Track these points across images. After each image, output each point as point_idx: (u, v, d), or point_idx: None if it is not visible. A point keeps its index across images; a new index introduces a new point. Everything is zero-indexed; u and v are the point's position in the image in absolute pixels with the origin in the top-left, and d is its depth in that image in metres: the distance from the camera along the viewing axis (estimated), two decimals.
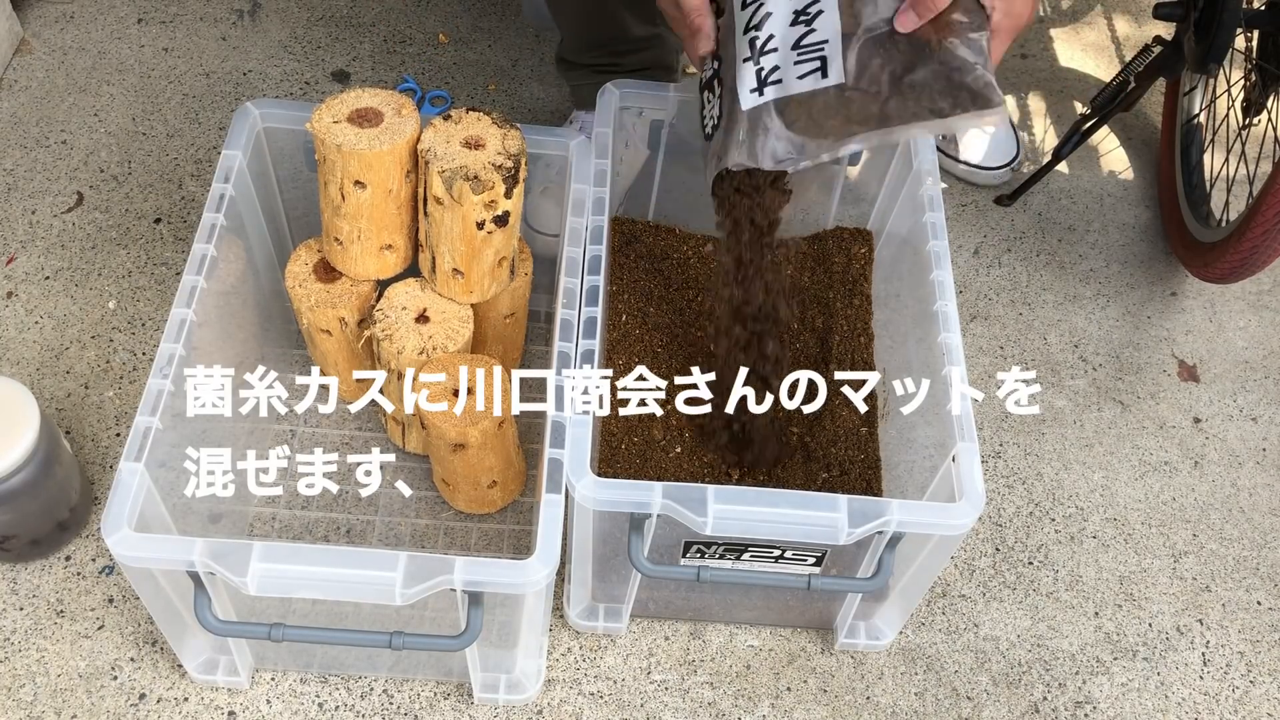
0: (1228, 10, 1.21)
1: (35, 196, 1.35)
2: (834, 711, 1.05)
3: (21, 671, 1.02)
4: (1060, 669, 1.10)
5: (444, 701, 1.03)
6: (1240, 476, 1.26)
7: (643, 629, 1.09)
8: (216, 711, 1.01)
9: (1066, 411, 1.29)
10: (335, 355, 1.11)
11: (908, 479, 1.06)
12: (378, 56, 1.55)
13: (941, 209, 1.07)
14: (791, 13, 0.86)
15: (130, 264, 1.30)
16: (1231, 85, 1.43)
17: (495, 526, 1.13)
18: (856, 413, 1.13)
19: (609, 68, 1.26)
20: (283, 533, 1.11)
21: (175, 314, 0.93)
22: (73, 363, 1.22)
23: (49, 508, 1.04)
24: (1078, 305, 1.39)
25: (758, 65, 0.87)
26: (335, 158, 0.95)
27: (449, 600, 0.86)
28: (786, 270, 1.24)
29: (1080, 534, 1.19)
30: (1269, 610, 1.16)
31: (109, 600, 1.06)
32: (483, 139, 0.96)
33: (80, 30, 1.54)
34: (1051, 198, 1.49)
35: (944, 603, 1.13)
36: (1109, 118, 1.39)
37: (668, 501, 0.86)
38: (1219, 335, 1.38)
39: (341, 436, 1.17)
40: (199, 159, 1.41)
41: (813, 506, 0.86)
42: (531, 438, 1.16)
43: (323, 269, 1.07)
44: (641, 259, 1.22)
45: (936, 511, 0.88)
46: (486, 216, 0.96)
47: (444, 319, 1.04)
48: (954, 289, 1.02)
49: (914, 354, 1.08)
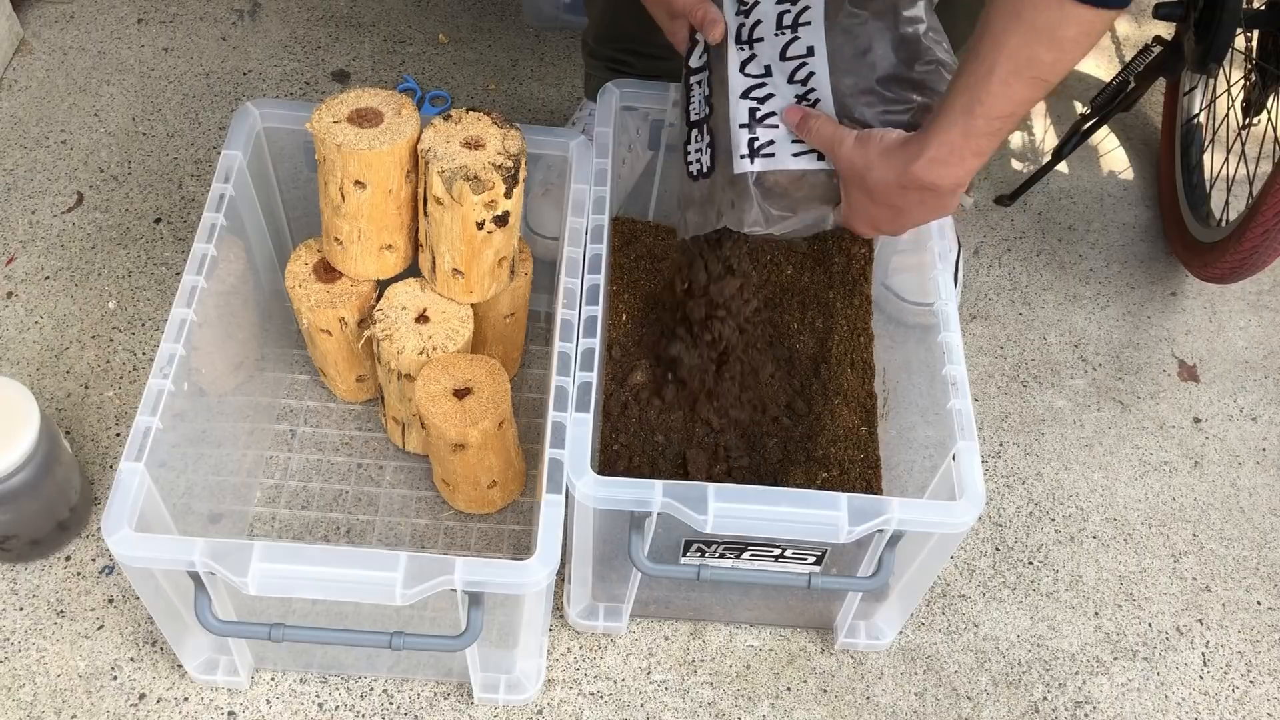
0: (1228, 10, 1.21)
1: (35, 196, 1.35)
2: (834, 711, 1.05)
3: (21, 671, 1.02)
4: (1060, 669, 1.10)
5: (444, 701, 1.03)
6: (1240, 476, 1.26)
7: (643, 629, 1.09)
8: (216, 711, 1.01)
9: (1066, 411, 1.29)
10: (335, 355, 1.11)
11: (908, 478, 1.06)
12: (378, 56, 1.55)
13: None
14: (794, 97, 0.89)
15: (130, 264, 1.30)
16: (1231, 85, 1.43)
17: (495, 526, 1.13)
18: (857, 412, 1.13)
19: (624, 65, 1.25)
20: (283, 533, 1.11)
21: (175, 314, 0.93)
22: (73, 363, 1.22)
23: (49, 508, 1.04)
24: (1078, 305, 1.39)
25: (752, 135, 0.90)
26: (335, 158, 0.95)
27: (449, 600, 0.86)
28: (786, 270, 1.24)
29: (1080, 534, 1.19)
30: (1269, 610, 1.16)
31: (109, 600, 1.06)
32: (483, 139, 0.96)
33: (80, 30, 1.54)
34: (1051, 198, 1.49)
35: (944, 603, 1.13)
36: (1109, 118, 1.39)
37: (668, 500, 0.86)
38: (1219, 335, 1.38)
39: (341, 436, 1.17)
40: (199, 159, 1.41)
41: (813, 505, 0.86)
42: (531, 438, 1.16)
43: (323, 269, 1.07)
44: (641, 259, 1.22)
45: (937, 510, 0.88)
46: (486, 216, 0.96)
47: (444, 319, 1.04)
48: (953, 289, 1.02)
49: (914, 354, 1.08)
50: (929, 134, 0.79)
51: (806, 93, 0.88)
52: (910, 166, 0.80)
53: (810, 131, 0.87)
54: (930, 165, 0.79)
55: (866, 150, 0.83)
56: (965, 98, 0.76)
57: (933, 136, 0.79)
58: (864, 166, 0.84)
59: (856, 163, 0.84)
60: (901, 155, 0.81)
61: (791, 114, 0.88)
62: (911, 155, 0.80)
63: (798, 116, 0.88)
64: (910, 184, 0.81)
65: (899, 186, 0.82)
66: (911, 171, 0.80)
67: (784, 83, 0.89)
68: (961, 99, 0.76)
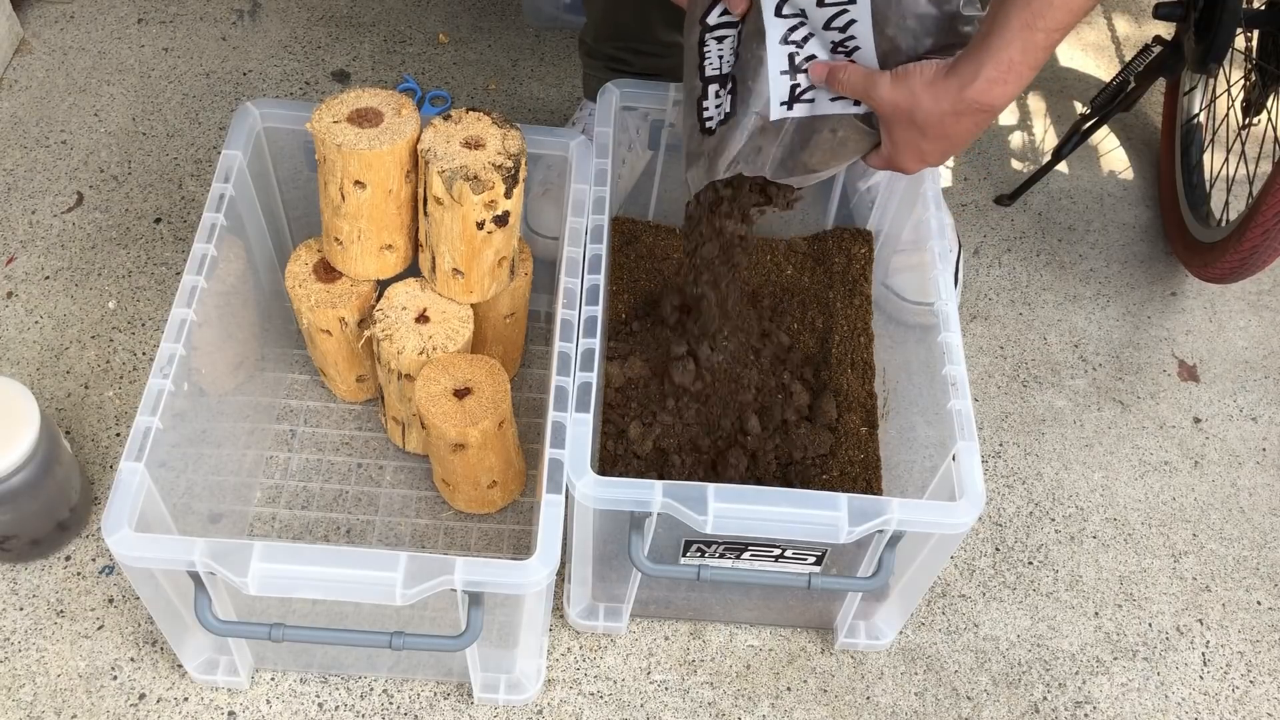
0: (1228, 10, 1.21)
1: (35, 196, 1.35)
2: (834, 711, 1.05)
3: (21, 671, 1.02)
4: (1060, 669, 1.10)
5: (444, 701, 1.03)
6: (1240, 476, 1.26)
7: (643, 629, 1.09)
8: (216, 711, 1.01)
9: (1066, 411, 1.29)
10: (335, 355, 1.11)
11: (908, 478, 1.06)
12: (378, 56, 1.55)
13: (943, 208, 1.07)
14: (830, 43, 0.87)
15: (130, 264, 1.30)
16: (1231, 85, 1.43)
17: (495, 526, 1.13)
18: (857, 413, 1.13)
19: (623, 64, 1.25)
20: (283, 533, 1.11)
21: (175, 314, 0.93)
22: (73, 363, 1.22)
23: (49, 508, 1.04)
24: (1078, 305, 1.39)
25: (794, 81, 0.88)
26: (335, 158, 0.95)
27: (449, 600, 0.86)
28: (786, 270, 1.24)
29: (1080, 534, 1.19)
30: (1269, 610, 1.16)
31: (109, 600, 1.06)
32: (483, 139, 0.96)
33: (80, 30, 1.54)
34: (1051, 198, 1.49)
35: (944, 603, 1.13)
36: (1109, 118, 1.39)
37: (668, 500, 0.86)
38: (1219, 335, 1.38)
39: (341, 436, 1.17)
40: (199, 159, 1.41)
41: (813, 505, 0.86)
42: (531, 438, 1.16)
43: (323, 269, 1.07)
44: (641, 259, 1.22)
45: (937, 510, 0.88)
46: (486, 216, 0.96)
47: (444, 319, 1.04)
48: (953, 289, 1.02)
49: (914, 354, 1.08)
50: (982, 55, 0.78)
51: (845, 39, 0.86)
52: (965, 92, 0.79)
53: (841, 83, 0.86)
54: (989, 87, 0.78)
55: (910, 86, 0.82)
56: (1025, 13, 0.75)
57: (988, 57, 0.78)
58: (909, 104, 0.82)
59: (900, 102, 0.83)
60: (952, 83, 0.80)
61: (817, 70, 0.87)
62: (965, 80, 0.79)
63: (823, 71, 0.87)
64: (966, 109, 0.80)
65: (953, 114, 0.81)
66: (967, 96, 0.79)
67: (820, 27, 0.87)
68: (1020, 15, 0.75)
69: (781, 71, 0.88)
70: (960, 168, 1.51)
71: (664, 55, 1.23)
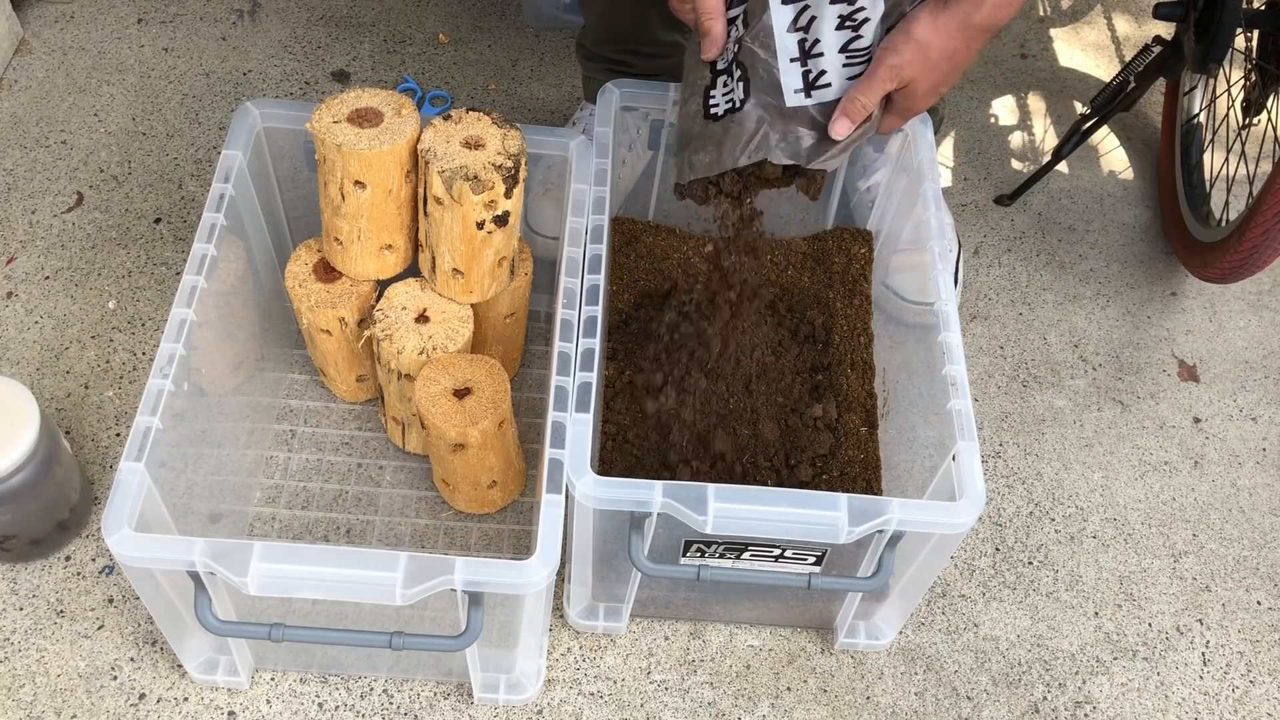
0: (1228, 10, 1.21)
1: (35, 196, 1.35)
2: (834, 711, 1.05)
3: (21, 671, 1.02)
4: (1060, 669, 1.10)
5: (444, 701, 1.03)
6: (1240, 476, 1.26)
7: (643, 629, 1.09)
8: (216, 711, 1.01)
9: (1066, 411, 1.29)
10: (335, 355, 1.11)
11: (908, 478, 1.06)
12: (378, 56, 1.55)
13: (943, 208, 1.07)
14: (837, 18, 0.87)
15: (130, 264, 1.30)
16: (1231, 85, 1.43)
17: (495, 526, 1.13)
18: (857, 413, 1.13)
19: (623, 65, 1.25)
20: (283, 533, 1.11)
21: (175, 314, 0.93)
22: (73, 363, 1.22)
23: (49, 508, 1.04)
24: (1078, 305, 1.39)
25: (805, 68, 0.88)
26: (335, 158, 0.95)
27: (449, 600, 0.86)
28: (786, 270, 1.24)
29: (1080, 534, 1.19)
30: (1269, 610, 1.16)
31: (109, 600, 1.06)
32: (483, 139, 0.96)
33: (80, 30, 1.54)
34: (1051, 198, 1.49)
35: (944, 603, 1.13)
36: (1109, 118, 1.39)
37: (668, 500, 0.86)
38: (1219, 335, 1.38)
39: (341, 436, 1.17)
40: (199, 159, 1.41)
41: (813, 505, 0.86)
42: (531, 438, 1.16)
43: (323, 269, 1.07)
44: (641, 259, 1.22)
45: (937, 510, 0.88)
46: (486, 216, 0.96)
47: (444, 319, 1.04)
48: (953, 289, 1.02)
49: (914, 354, 1.08)
50: None
51: (854, 12, 0.87)
52: (973, 19, 0.82)
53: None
54: (995, 10, 0.82)
55: (917, 36, 0.84)
56: None
57: None
58: (923, 52, 0.85)
59: (915, 57, 0.85)
60: (956, 17, 0.83)
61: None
62: (970, 10, 0.82)
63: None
64: (976, 35, 0.84)
65: (964, 44, 0.84)
66: (976, 23, 0.82)
67: (826, 4, 0.87)
68: None
69: (792, 59, 0.88)
70: (960, 168, 1.51)
71: (664, 56, 1.23)
